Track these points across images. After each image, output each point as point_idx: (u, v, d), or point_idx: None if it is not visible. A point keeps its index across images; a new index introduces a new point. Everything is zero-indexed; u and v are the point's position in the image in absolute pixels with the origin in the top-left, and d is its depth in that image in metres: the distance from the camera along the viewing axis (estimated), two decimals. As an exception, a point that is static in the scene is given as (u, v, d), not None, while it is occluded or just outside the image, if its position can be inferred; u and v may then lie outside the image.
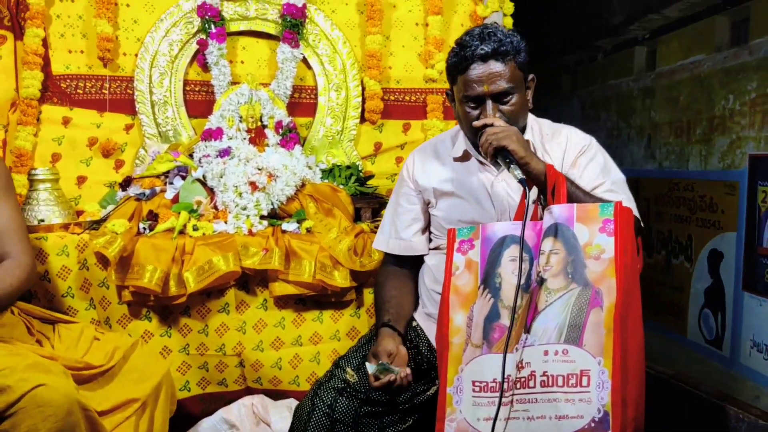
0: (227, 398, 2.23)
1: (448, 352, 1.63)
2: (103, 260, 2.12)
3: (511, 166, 1.65)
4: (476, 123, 1.75)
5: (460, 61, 1.76)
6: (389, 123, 2.80)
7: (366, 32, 2.76)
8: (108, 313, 2.15)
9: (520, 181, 1.62)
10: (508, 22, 2.80)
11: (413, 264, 2.03)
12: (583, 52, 4.13)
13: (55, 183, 2.31)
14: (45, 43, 2.54)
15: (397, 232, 2.01)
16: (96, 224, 2.25)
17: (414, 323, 1.97)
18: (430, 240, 2.01)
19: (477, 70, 1.74)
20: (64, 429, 1.63)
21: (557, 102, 4.44)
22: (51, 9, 2.57)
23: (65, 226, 2.23)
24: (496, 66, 1.74)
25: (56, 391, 1.65)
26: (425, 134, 2.79)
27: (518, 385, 1.50)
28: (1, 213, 1.89)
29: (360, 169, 2.67)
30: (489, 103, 1.75)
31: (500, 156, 1.68)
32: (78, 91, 2.59)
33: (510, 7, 2.80)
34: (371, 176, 2.69)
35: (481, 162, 1.89)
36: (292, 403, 2.23)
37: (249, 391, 2.26)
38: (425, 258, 2.00)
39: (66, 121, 2.56)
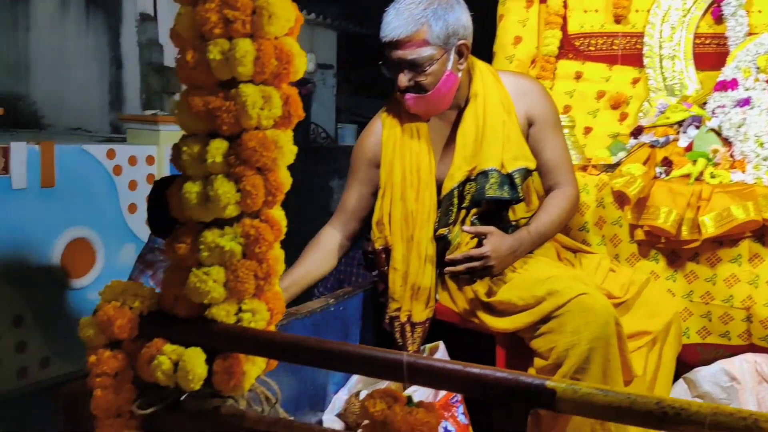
0: (726, 352, 2.18)
1: None
2: (619, 200, 2.26)
3: None
4: None
5: None
6: None
7: None
8: (618, 250, 2.30)
9: None
10: None
11: None
12: None
13: (572, 129, 2.55)
14: (565, 4, 2.81)
15: None
16: (610, 168, 2.41)
17: None
18: None
19: None
20: (601, 337, 1.78)
21: None
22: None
23: (583, 168, 2.44)
24: None
25: (597, 301, 1.82)
26: None
27: None
28: (554, 147, 2.11)
29: None
30: None
31: None
32: (590, 48, 2.79)
33: None
34: None
35: None
36: (805, 368, 2.09)
37: (752, 348, 2.17)
38: None
39: (578, 76, 2.79)
